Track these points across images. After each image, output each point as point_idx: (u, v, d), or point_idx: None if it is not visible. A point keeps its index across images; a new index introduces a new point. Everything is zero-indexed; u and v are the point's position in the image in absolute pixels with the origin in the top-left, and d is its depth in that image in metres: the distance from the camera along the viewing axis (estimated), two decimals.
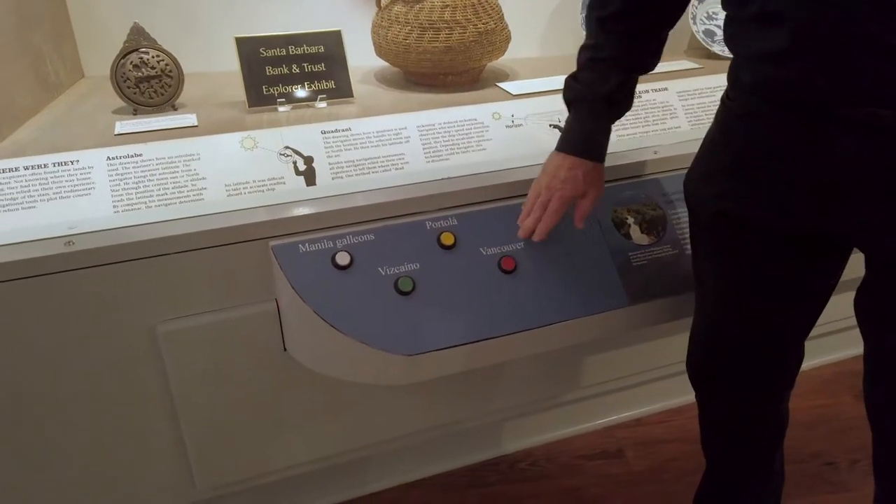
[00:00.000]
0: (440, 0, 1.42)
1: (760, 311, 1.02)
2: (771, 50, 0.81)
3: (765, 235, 0.94)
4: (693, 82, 1.52)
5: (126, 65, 1.33)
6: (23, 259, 0.98)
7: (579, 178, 1.08)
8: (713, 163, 1.00)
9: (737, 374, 1.09)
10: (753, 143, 0.91)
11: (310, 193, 1.20)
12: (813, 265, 0.97)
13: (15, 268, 0.98)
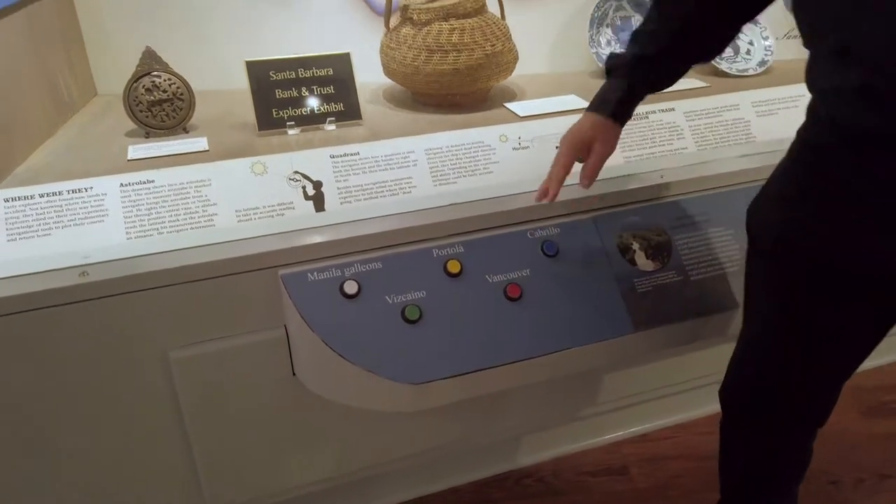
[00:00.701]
0: (448, 23, 1.43)
1: (814, 351, 0.99)
2: (844, 85, 0.81)
3: (828, 272, 0.91)
4: (700, 102, 1.52)
5: (138, 88, 1.36)
6: (38, 291, 1.00)
7: (585, 126, 1.12)
8: (782, 193, 0.98)
9: (775, 408, 1.07)
10: (825, 177, 0.89)
11: (319, 219, 1.22)
12: (878, 306, 0.93)
13: (31, 299, 1.00)
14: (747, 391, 1.10)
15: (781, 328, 1.00)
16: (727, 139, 1.49)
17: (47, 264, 1.07)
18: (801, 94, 1.57)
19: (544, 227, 1.24)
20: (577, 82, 1.70)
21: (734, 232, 1.30)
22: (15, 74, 1.28)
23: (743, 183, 1.35)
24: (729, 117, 1.52)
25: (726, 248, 1.29)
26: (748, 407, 1.11)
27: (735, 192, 1.34)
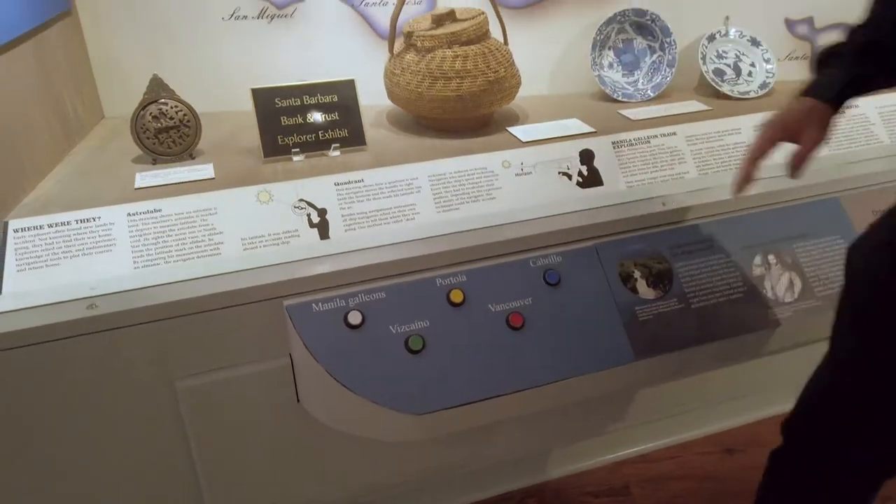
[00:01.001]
0: (451, 50, 1.44)
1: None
2: None
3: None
4: (702, 126, 1.53)
5: (146, 116, 1.37)
6: (47, 324, 1.02)
7: (799, 109, 1.01)
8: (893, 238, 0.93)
9: (849, 453, 1.02)
10: None
11: (323, 247, 1.23)
12: None
13: (39, 333, 1.02)
14: (818, 428, 1.04)
15: (874, 377, 0.95)
16: (728, 163, 1.50)
17: (56, 296, 1.08)
18: None
19: (546, 255, 1.25)
20: (580, 104, 1.71)
21: (735, 259, 1.31)
22: (24, 103, 1.30)
23: (743, 209, 1.36)
24: (730, 141, 1.53)
25: (727, 275, 1.30)
26: (815, 444, 1.05)
27: (735, 218, 1.35)
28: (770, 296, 1.30)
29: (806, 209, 1.39)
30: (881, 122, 1.63)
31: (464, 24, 1.48)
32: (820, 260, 1.35)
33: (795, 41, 1.83)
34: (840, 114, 1.03)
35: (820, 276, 1.34)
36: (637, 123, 1.57)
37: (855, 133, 1.60)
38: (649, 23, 1.72)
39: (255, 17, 1.64)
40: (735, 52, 1.76)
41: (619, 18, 1.71)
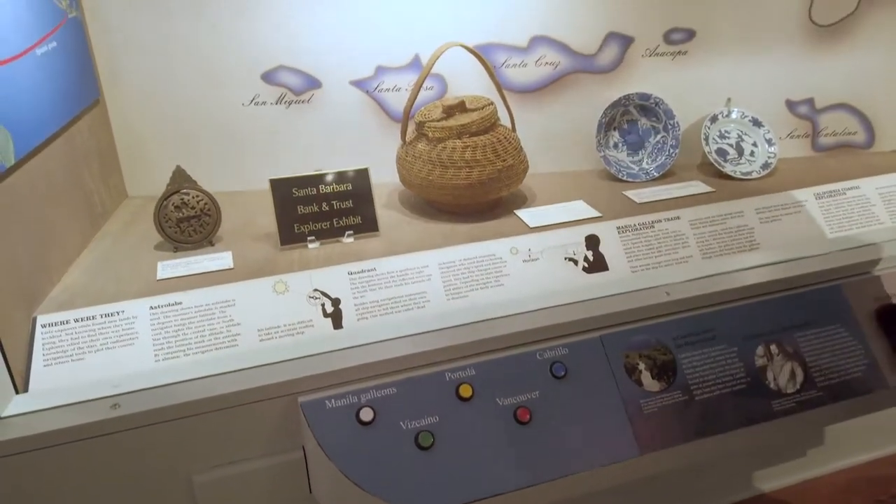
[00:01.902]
0: (461, 141, 1.50)
1: None
2: None
3: None
4: (705, 210, 1.57)
5: (168, 206, 1.43)
6: (71, 426, 1.06)
7: None
8: None
9: None
10: None
11: (336, 339, 1.28)
12: None
13: (63, 434, 1.06)
14: None
15: None
16: (731, 247, 1.54)
17: (80, 394, 1.13)
18: (804, 200, 1.63)
19: (553, 346, 1.28)
20: (586, 184, 1.76)
21: (737, 349, 1.34)
22: (55, 197, 1.36)
23: (745, 299, 1.39)
24: (733, 224, 1.57)
25: (730, 366, 1.32)
26: None
27: (738, 307, 1.38)
28: (773, 387, 1.32)
29: (807, 297, 1.41)
30: (881, 202, 1.67)
31: (473, 115, 1.54)
32: (821, 350, 1.37)
33: (796, 120, 1.88)
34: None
35: (821, 366, 1.36)
36: (642, 207, 1.61)
37: (855, 214, 1.63)
38: (653, 105, 1.78)
39: (273, 103, 1.71)
40: (737, 132, 1.81)
41: (623, 102, 1.76)
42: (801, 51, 1.81)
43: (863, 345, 1.40)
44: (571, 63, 1.77)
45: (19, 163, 1.22)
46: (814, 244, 1.54)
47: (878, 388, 1.37)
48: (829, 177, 1.72)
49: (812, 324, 1.40)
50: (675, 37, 1.77)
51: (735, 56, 1.80)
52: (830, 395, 1.34)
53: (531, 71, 1.77)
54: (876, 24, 1.79)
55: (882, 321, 1.41)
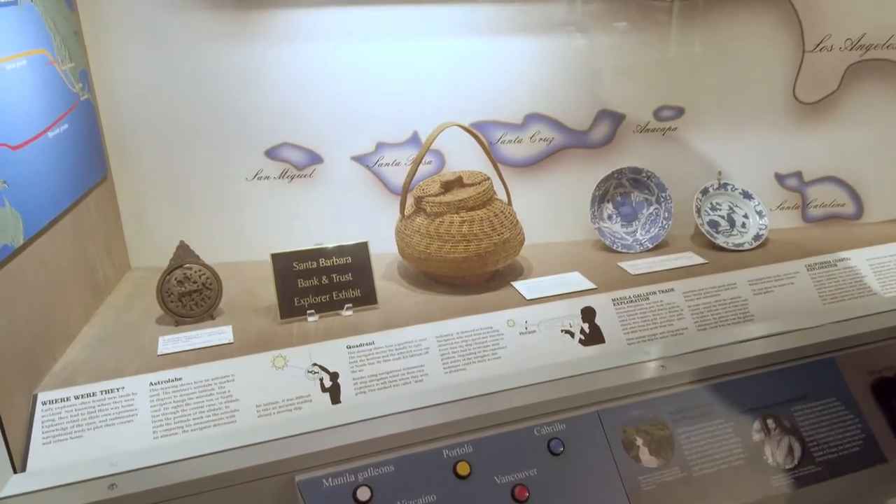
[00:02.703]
0: (458, 216, 1.54)
1: None
2: None
3: None
4: (698, 282, 1.60)
5: (171, 280, 1.46)
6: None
7: None
8: None
9: None
10: None
11: (334, 415, 1.28)
12: None
13: None
14: None
15: None
16: (726, 319, 1.56)
17: (78, 474, 1.13)
18: (796, 271, 1.66)
19: (550, 422, 1.28)
20: (582, 255, 1.80)
21: (734, 423, 1.34)
22: (61, 273, 1.39)
23: (741, 372, 1.40)
24: (727, 296, 1.59)
25: (727, 441, 1.32)
26: None
27: (734, 381, 1.39)
28: (771, 462, 1.32)
29: (802, 371, 1.43)
30: (872, 273, 1.70)
31: (470, 190, 1.59)
32: (818, 423, 1.38)
33: (785, 193, 1.93)
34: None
35: (819, 440, 1.36)
36: (636, 278, 1.64)
37: (847, 285, 1.66)
38: (645, 179, 1.83)
39: (276, 178, 1.76)
40: (728, 204, 1.86)
41: (615, 176, 1.82)
42: (788, 126, 1.88)
43: (860, 419, 1.40)
44: (565, 139, 1.83)
45: (27, 242, 1.25)
46: (807, 316, 1.56)
47: (876, 464, 1.36)
48: (820, 248, 1.76)
49: (808, 397, 1.41)
50: (665, 114, 1.84)
51: (723, 131, 1.86)
52: (829, 470, 1.34)
53: (526, 146, 1.83)
54: (857, 102, 1.86)
55: (877, 395, 1.42)
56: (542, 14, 1.76)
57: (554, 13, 1.77)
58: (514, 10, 1.74)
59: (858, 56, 1.82)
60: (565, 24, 1.78)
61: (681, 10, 1.77)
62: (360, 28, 1.69)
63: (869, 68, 1.84)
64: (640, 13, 1.77)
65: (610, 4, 1.76)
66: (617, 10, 1.76)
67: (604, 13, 1.77)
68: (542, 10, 1.76)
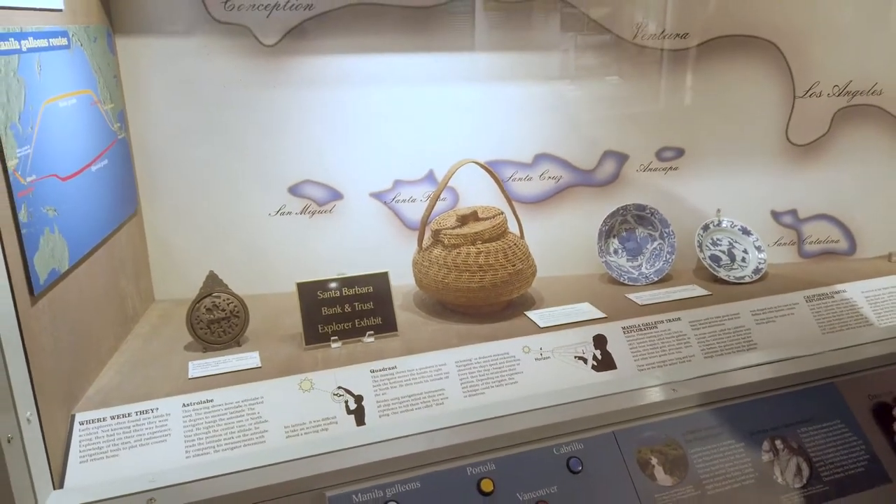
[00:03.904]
0: (475, 247, 1.62)
1: None
2: None
3: None
4: (704, 312, 1.67)
5: (200, 309, 1.52)
6: None
7: None
8: None
9: None
10: None
11: (360, 435, 1.33)
12: None
13: None
14: None
15: None
16: (731, 346, 1.62)
17: (115, 489, 1.17)
18: (795, 302, 1.73)
19: (569, 442, 1.34)
20: (589, 287, 1.87)
21: (745, 445, 1.40)
22: (96, 301, 1.45)
23: (748, 396, 1.46)
24: (731, 325, 1.66)
25: (739, 461, 1.37)
26: None
27: (742, 404, 1.45)
28: (780, 482, 1.37)
29: (806, 395, 1.49)
30: (867, 304, 1.78)
31: (485, 223, 1.67)
32: (824, 445, 1.43)
33: (782, 229, 2.03)
34: None
35: (826, 460, 1.41)
36: (643, 308, 1.71)
37: (845, 316, 1.74)
38: (649, 215, 1.92)
39: (298, 213, 1.84)
40: (728, 239, 1.95)
41: (621, 212, 1.91)
42: (782, 166, 1.99)
43: (863, 440, 1.46)
44: (572, 177, 1.93)
45: (70, 269, 1.32)
46: (808, 344, 1.64)
47: (881, 483, 1.42)
48: (817, 281, 1.85)
49: (813, 420, 1.46)
50: (666, 154, 1.95)
51: (722, 171, 1.97)
52: (837, 489, 1.39)
53: (536, 184, 1.92)
54: (846, 144, 1.98)
55: (878, 418, 1.48)
56: (551, 63, 1.88)
57: (561, 62, 1.89)
58: (525, 58, 1.86)
59: (846, 101, 1.95)
60: (571, 71, 1.90)
61: (680, 58, 1.89)
62: (379, 73, 1.80)
63: (856, 113, 1.96)
64: (644, 60, 1.89)
65: (614, 53, 1.88)
66: (621, 57, 1.89)
67: (608, 61, 1.90)
68: (551, 59, 1.88)
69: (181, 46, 1.71)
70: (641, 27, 1.84)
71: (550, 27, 1.86)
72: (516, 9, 1.82)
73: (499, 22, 1.84)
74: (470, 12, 1.81)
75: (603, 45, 1.87)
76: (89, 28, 1.47)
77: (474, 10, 1.81)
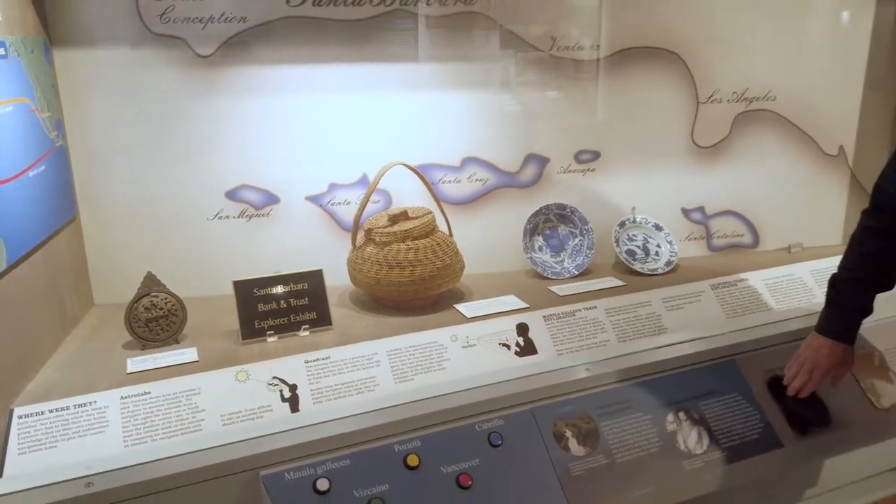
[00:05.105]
0: (405, 244, 1.72)
1: None
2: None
3: None
4: (618, 300, 1.81)
5: (139, 308, 1.58)
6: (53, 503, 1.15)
7: (838, 355, 1.49)
8: None
9: None
10: None
11: (294, 420, 1.40)
12: None
13: None
14: None
15: None
16: (643, 331, 1.76)
17: (54, 476, 1.21)
18: (702, 290, 1.89)
19: (490, 419, 1.44)
20: (515, 281, 1.99)
21: (652, 417, 1.52)
22: (34, 301, 1.49)
23: (655, 373, 1.59)
24: (643, 312, 1.80)
25: (646, 432, 1.50)
26: None
27: (649, 381, 1.58)
28: (683, 449, 1.50)
29: (708, 372, 1.63)
30: (767, 291, 1.95)
31: (415, 221, 1.78)
32: (723, 415, 1.57)
33: (692, 225, 2.19)
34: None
35: (724, 429, 1.55)
36: (564, 299, 1.84)
37: (746, 301, 1.90)
38: (570, 214, 2.06)
39: (236, 217, 1.91)
40: (643, 235, 2.10)
41: (544, 211, 2.04)
42: (689, 167, 2.16)
43: (758, 410, 1.61)
44: (498, 179, 2.06)
45: (9, 269, 1.36)
46: (712, 327, 1.79)
47: (773, 448, 1.56)
48: (723, 271, 2.01)
49: (714, 393, 1.60)
50: (584, 157, 2.09)
51: (635, 171, 2.13)
52: (734, 454, 1.52)
53: (464, 186, 2.04)
54: (746, 146, 2.17)
55: (771, 390, 1.63)
56: (476, 74, 2.01)
57: (486, 73, 2.02)
58: (452, 69, 1.99)
59: (744, 107, 2.13)
60: (496, 81, 2.03)
61: (594, 68, 2.04)
62: (313, 83, 1.89)
63: (754, 117, 2.15)
64: (561, 70, 2.04)
65: (534, 64, 2.02)
66: (540, 68, 2.03)
67: (529, 71, 2.04)
68: (476, 70, 2.01)
69: (119, 58, 1.78)
70: (557, 40, 1.99)
71: (475, 41, 1.99)
72: (444, 24, 1.95)
73: (428, 35, 1.96)
74: (399, 26, 1.93)
75: (523, 57, 2.01)
76: (26, 39, 1.53)
77: (404, 23, 1.93)
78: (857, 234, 1.46)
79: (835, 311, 1.49)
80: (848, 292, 1.46)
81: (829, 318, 1.49)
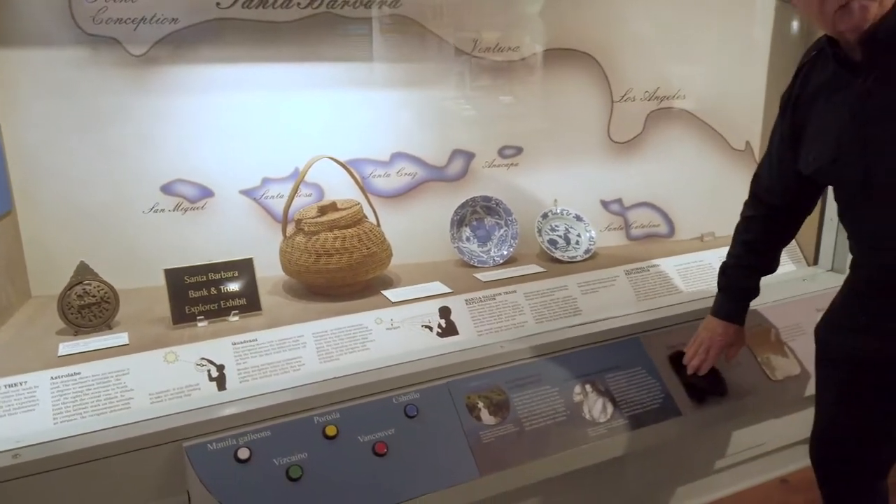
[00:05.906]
0: (332, 233, 1.82)
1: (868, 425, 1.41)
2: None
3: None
4: (538, 285, 1.93)
5: (71, 295, 1.64)
6: None
7: (731, 335, 1.63)
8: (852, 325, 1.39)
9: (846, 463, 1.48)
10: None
11: (220, 397, 1.48)
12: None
13: None
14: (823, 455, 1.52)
15: (848, 414, 1.44)
16: (559, 313, 1.88)
17: None
18: (617, 276, 2.02)
19: (407, 392, 1.54)
20: (443, 270, 2.10)
21: (559, 389, 1.64)
22: None
23: (565, 350, 1.72)
24: (560, 296, 1.92)
25: (553, 402, 1.62)
26: (827, 464, 1.52)
27: (559, 357, 1.70)
28: (588, 417, 1.62)
29: (614, 348, 1.76)
30: (678, 275, 2.09)
31: (343, 212, 1.87)
32: (627, 387, 1.70)
33: (610, 216, 2.33)
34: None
35: (627, 399, 1.68)
36: (487, 284, 1.95)
37: (657, 285, 2.04)
38: (495, 206, 2.18)
39: (171, 210, 1.98)
40: (564, 225, 2.23)
41: (470, 203, 2.16)
42: (607, 161, 2.29)
43: (659, 382, 1.74)
44: (426, 173, 2.16)
45: None
46: (623, 308, 1.92)
47: (672, 417, 1.69)
48: (638, 259, 2.14)
49: (619, 367, 1.73)
50: (507, 152, 2.21)
51: (556, 165, 2.26)
52: (636, 422, 1.65)
53: (393, 180, 2.14)
54: (659, 141, 2.31)
55: (673, 364, 1.76)
56: (404, 72, 2.11)
57: (413, 71, 2.12)
58: (381, 67, 2.09)
59: (656, 105, 2.28)
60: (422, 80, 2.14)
61: (514, 68, 2.17)
62: (247, 81, 1.97)
63: (665, 115, 2.30)
64: (484, 69, 2.16)
65: (458, 64, 2.14)
66: (464, 67, 2.15)
67: (454, 71, 2.15)
68: (404, 69, 2.11)
69: (53, 57, 1.83)
70: (478, 42, 2.11)
71: (402, 43, 2.09)
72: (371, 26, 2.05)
73: (356, 37, 2.06)
74: (327, 28, 2.02)
75: (447, 58, 2.12)
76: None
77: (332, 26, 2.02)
78: (740, 224, 1.60)
79: (725, 295, 1.64)
80: (735, 277, 1.61)
81: (721, 302, 1.64)
